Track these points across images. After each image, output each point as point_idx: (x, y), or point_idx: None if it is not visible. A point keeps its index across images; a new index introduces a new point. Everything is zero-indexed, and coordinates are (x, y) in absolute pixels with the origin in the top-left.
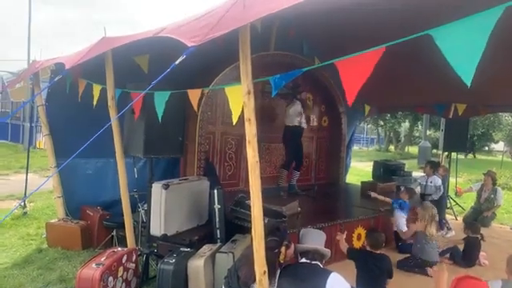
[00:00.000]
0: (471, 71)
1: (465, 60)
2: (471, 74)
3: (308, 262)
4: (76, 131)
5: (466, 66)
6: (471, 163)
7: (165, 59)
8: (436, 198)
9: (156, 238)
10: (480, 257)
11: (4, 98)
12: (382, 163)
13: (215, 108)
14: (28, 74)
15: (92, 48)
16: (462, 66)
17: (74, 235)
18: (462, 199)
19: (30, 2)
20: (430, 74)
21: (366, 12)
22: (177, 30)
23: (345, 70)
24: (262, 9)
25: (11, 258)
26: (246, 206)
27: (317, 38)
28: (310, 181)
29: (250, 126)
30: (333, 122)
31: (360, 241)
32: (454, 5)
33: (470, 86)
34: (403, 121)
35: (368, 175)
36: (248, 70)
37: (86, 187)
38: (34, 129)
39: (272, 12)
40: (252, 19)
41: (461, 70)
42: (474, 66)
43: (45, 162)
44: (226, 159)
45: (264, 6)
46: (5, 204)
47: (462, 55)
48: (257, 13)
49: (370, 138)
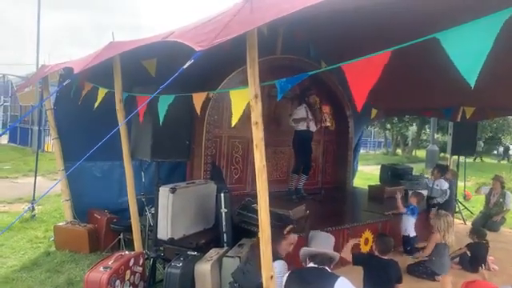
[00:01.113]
0: (476, 72)
1: (470, 61)
2: (475, 75)
3: (315, 267)
4: (84, 135)
5: (470, 67)
6: (480, 167)
7: (172, 62)
8: (441, 201)
9: (163, 242)
10: (489, 262)
11: (13, 101)
12: (389, 167)
13: (222, 111)
14: (37, 79)
15: (100, 53)
16: (466, 66)
17: (82, 238)
18: (471, 203)
19: (39, 8)
20: (438, 77)
21: (373, 15)
22: (184, 35)
23: (352, 73)
24: (269, 13)
25: (20, 261)
26: (252, 209)
27: (324, 41)
28: (317, 185)
29: (257, 129)
30: (340, 125)
31: (367, 245)
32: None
33: (473, 86)
34: (410, 124)
35: (375, 179)
36: (255, 73)
37: (93, 190)
38: (43, 132)
39: (279, 16)
40: (259, 24)
41: (465, 71)
42: (479, 67)
43: (53, 165)
44: (232, 163)
45: (271, 11)
46: (14, 207)
47: (468, 57)
48: (264, 17)
49: (378, 141)
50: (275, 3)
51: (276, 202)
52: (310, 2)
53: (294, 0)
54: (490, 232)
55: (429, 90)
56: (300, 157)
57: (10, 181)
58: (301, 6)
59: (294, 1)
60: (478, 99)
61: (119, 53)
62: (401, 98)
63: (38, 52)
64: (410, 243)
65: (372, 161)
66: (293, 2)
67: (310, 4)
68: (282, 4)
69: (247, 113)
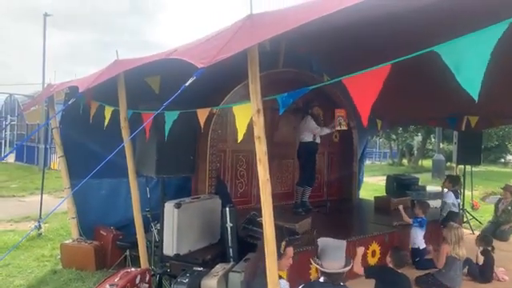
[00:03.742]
0: (477, 85)
1: (470, 75)
2: (477, 88)
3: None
4: (89, 152)
5: (472, 81)
6: (487, 175)
7: (175, 79)
8: (444, 214)
9: (169, 258)
10: (499, 272)
11: (19, 120)
12: (395, 178)
13: (226, 126)
14: (43, 98)
15: (105, 71)
16: (468, 81)
17: (88, 256)
18: (479, 213)
19: (45, 29)
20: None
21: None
22: (187, 52)
23: (354, 87)
24: (269, 30)
25: (26, 280)
26: (257, 223)
27: (325, 54)
28: (323, 197)
29: (260, 144)
30: (344, 137)
31: (375, 257)
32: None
33: (477, 100)
34: (416, 134)
35: (381, 190)
36: (257, 88)
37: (99, 207)
38: (49, 150)
39: (278, 33)
40: (259, 40)
41: (467, 85)
42: (479, 80)
43: (59, 183)
44: (237, 176)
45: (271, 27)
46: (21, 225)
47: (468, 70)
48: (264, 34)
49: (383, 151)
50: (275, 20)
51: (282, 216)
52: (309, 18)
53: (294, 16)
54: (499, 241)
55: (431, 101)
56: (306, 169)
57: (16, 199)
58: (300, 23)
59: (294, 17)
60: (481, 108)
61: (123, 70)
62: (403, 110)
63: (43, 71)
64: (419, 255)
65: (378, 172)
66: (292, 18)
67: (309, 20)
68: (281, 20)
69: (251, 127)
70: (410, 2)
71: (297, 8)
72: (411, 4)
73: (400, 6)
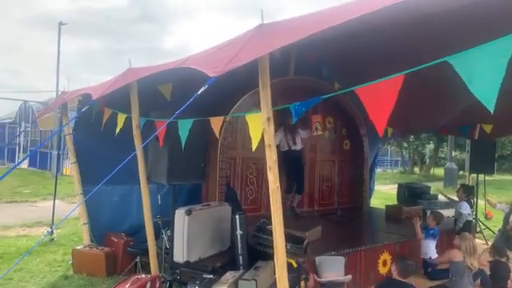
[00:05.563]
0: (493, 97)
1: (486, 87)
2: (493, 101)
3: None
4: (102, 159)
5: (487, 93)
6: (501, 184)
7: (187, 87)
8: (460, 224)
9: (179, 265)
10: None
11: (33, 126)
12: (406, 186)
13: (236, 133)
14: (57, 105)
15: (118, 79)
16: (483, 92)
17: (99, 262)
18: (493, 222)
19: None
20: (452, 96)
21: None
22: (199, 61)
23: (367, 97)
24: (280, 39)
25: (38, 285)
26: (267, 231)
27: (336, 61)
28: (333, 205)
29: (270, 151)
30: (354, 145)
31: (386, 267)
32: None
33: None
34: (427, 142)
35: (393, 198)
36: (267, 97)
37: (110, 214)
38: (61, 156)
39: (289, 43)
40: (270, 50)
41: (483, 97)
42: (495, 92)
43: (71, 189)
44: (247, 184)
45: (282, 36)
46: (33, 230)
47: (483, 82)
48: (275, 43)
49: (395, 160)
50: (286, 29)
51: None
52: (319, 29)
53: (304, 25)
54: None
55: (443, 109)
56: (288, 177)
57: (29, 204)
58: (310, 32)
59: (304, 26)
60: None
61: (136, 79)
62: (415, 118)
63: (57, 79)
64: (431, 265)
65: (389, 180)
66: (302, 28)
67: (319, 30)
68: (292, 30)
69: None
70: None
71: (307, 17)
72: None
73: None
